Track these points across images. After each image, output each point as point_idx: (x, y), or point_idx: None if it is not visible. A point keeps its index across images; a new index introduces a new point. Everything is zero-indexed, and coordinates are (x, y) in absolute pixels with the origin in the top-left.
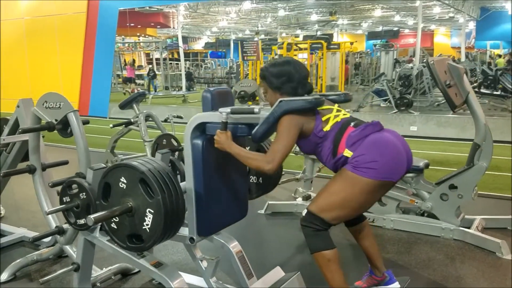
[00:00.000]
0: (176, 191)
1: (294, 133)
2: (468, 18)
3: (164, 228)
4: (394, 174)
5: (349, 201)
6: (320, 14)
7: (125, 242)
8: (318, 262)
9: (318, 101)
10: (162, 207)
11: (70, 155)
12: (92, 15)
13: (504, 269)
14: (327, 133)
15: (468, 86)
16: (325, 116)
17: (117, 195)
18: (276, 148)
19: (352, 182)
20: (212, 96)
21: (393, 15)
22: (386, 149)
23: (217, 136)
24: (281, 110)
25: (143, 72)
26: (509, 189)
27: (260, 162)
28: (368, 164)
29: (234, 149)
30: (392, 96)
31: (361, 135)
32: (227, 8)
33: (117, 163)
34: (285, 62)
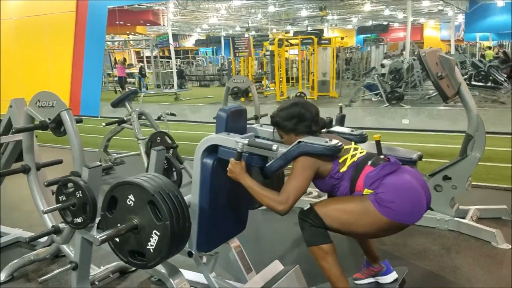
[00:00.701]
0: (184, 214)
1: (309, 175)
2: (457, 10)
3: (169, 250)
4: (412, 217)
5: (356, 227)
6: (310, 9)
7: (126, 257)
8: (314, 254)
9: (338, 149)
10: (170, 233)
11: (61, 155)
12: (82, 14)
13: (500, 258)
14: (344, 174)
15: (459, 77)
16: (342, 157)
17: (123, 211)
18: (290, 188)
19: (369, 214)
20: (227, 116)
21: (382, 9)
22: (406, 192)
23: (231, 166)
24: (299, 151)
25: (134, 70)
26: (502, 180)
27: (274, 202)
28: (389, 204)
29: (248, 182)
30: (383, 90)
31: (379, 175)
32: (217, 5)
33: (127, 180)
34: (293, 104)
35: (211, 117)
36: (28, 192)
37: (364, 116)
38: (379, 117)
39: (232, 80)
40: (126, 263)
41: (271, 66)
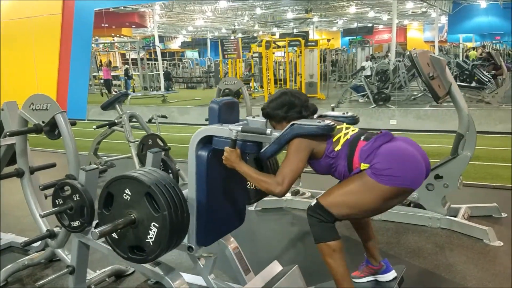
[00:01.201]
0: (182, 205)
1: (304, 156)
2: (441, 12)
3: (168, 242)
4: (414, 181)
5: (363, 205)
6: (296, 12)
7: (126, 253)
8: (322, 251)
9: (330, 128)
10: (168, 223)
11: (50, 158)
12: (68, 16)
13: (493, 255)
14: (339, 152)
15: (450, 77)
16: (336, 136)
17: (120, 206)
18: (285, 170)
19: (370, 188)
20: (219, 108)
21: (367, 11)
22: (404, 157)
23: (226, 153)
24: (293, 133)
25: (119, 73)
26: (491, 178)
27: (270, 185)
28: (387, 171)
29: (243, 168)
30: (370, 92)
31: (373, 147)
32: (203, 7)
33: (123, 175)
34: (282, 93)
35: (200, 119)
36: (18, 196)
37: None
38: (367, 117)
39: (223, 81)
40: (126, 260)
41: (258, 68)
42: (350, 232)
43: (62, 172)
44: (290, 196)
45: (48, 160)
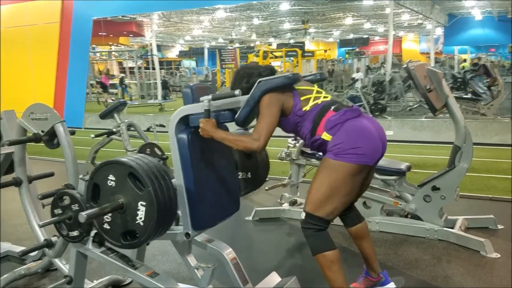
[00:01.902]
0: (166, 181)
1: (275, 110)
2: (436, 24)
3: (157, 219)
4: (371, 159)
5: (336, 189)
6: (292, 22)
7: (119, 241)
8: (320, 263)
9: (296, 77)
10: (154, 198)
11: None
12: (66, 25)
13: (490, 267)
14: (306, 113)
15: (447, 90)
16: (305, 96)
17: (107, 194)
18: (260, 126)
19: (335, 169)
20: (192, 91)
21: (363, 23)
22: (364, 136)
23: (201, 124)
24: (261, 90)
25: (116, 81)
26: (487, 189)
27: (248, 143)
28: (348, 150)
29: (220, 134)
30: (366, 102)
31: (340, 120)
32: (201, 17)
33: (104, 161)
34: (236, 72)
35: None
36: (15, 205)
37: None
38: None
39: (221, 91)
40: (121, 248)
41: None
42: (349, 243)
43: (60, 181)
44: (288, 206)
45: (46, 168)
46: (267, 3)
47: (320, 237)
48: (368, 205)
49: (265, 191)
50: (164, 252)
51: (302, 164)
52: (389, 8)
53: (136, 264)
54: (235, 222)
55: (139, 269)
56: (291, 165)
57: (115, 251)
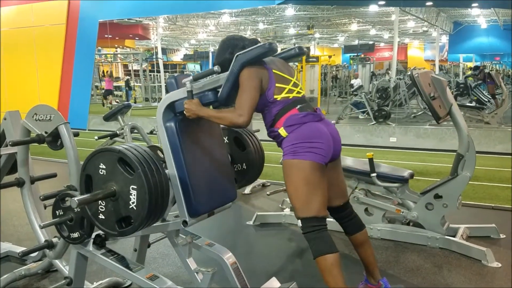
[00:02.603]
0: (155, 164)
1: (256, 84)
2: (442, 32)
3: (149, 202)
4: (324, 158)
5: (309, 184)
6: (297, 27)
7: (115, 229)
8: (321, 267)
9: (272, 47)
10: (144, 180)
11: (53, 168)
12: (72, 27)
13: (491, 276)
14: (275, 102)
15: (451, 98)
16: (280, 84)
17: (99, 183)
18: (241, 101)
19: (298, 167)
20: (176, 81)
21: (368, 29)
22: (316, 136)
23: (186, 105)
24: (239, 64)
25: (121, 83)
26: (489, 198)
27: (232, 118)
28: (304, 149)
29: (205, 112)
30: (370, 108)
31: (300, 121)
32: (206, 21)
33: (93, 151)
34: (222, 41)
35: None
36: (16, 205)
37: (353, 133)
38: (367, 134)
39: None
40: (117, 236)
41: None
42: (349, 250)
43: (62, 182)
44: (289, 211)
45: (48, 169)
46: (272, 8)
47: (321, 240)
48: (370, 212)
49: (266, 196)
50: (165, 255)
51: None
52: (394, 15)
53: (136, 266)
54: (235, 226)
55: (139, 271)
56: None
57: (115, 253)
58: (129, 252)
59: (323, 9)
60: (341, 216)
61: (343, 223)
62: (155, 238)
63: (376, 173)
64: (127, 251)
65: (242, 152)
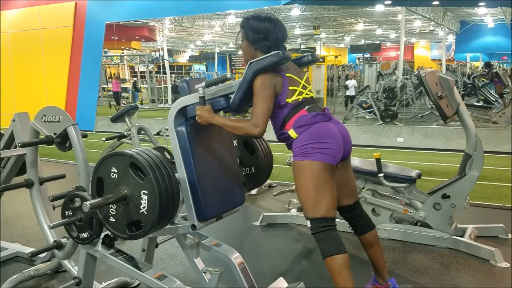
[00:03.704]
0: (167, 169)
1: (270, 93)
2: (448, 31)
3: (160, 207)
4: (334, 159)
5: (319, 185)
6: (303, 28)
7: (125, 233)
8: (330, 267)
9: (285, 55)
10: (155, 185)
11: (61, 169)
12: (79, 29)
13: (499, 276)
14: (286, 105)
15: (458, 97)
16: (292, 86)
17: (111, 187)
18: (257, 111)
19: (308, 168)
20: (188, 85)
21: (375, 29)
22: (327, 137)
23: (198, 111)
24: (252, 72)
25: (127, 85)
26: (497, 198)
27: (247, 129)
28: (315, 150)
29: (219, 120)
30: (377, 108)
31: (309, 122)
32: (212, 22)
33: (106, 154)
34: (267, 18)
35: None
36: (24, 206)
37: (359, 133)
38: (374, 135)
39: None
40: (127, 239)
41: None
42: (357, 250)
43: (71, 183)
44: (296, 212)
45: (57, 170)
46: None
47: (330, 240)
48: (377, 212)
49: (273, 197)
50: (172, 255)
51: None
52: (401, 14)
53: (145, 266)
54: (242, 227)
55: (147, 271)
56: None
57: (124, 253)
58: (137, 253)
59: (329, 9)
60: (351, 215)
61: (353, 222)
62: (162, 239)
63: (383, 173)
64: (135, 251)
65: (251, 156)
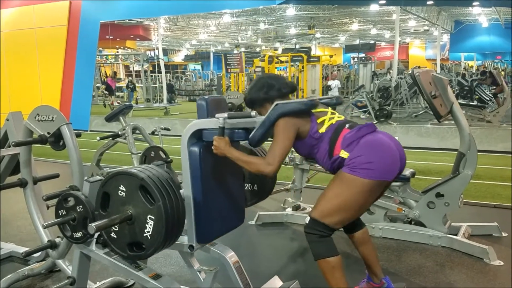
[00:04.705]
0: (177, 196)
1: (291, 135)
2: (443, 31)
3: (165, 234)
4: (389, 174)
5: (349, 203)
6: (298, 27)
7: (125, 251)
8: (322, 268)
9: (313, 104)
10: (163, 214)
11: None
12: (73, 28)
13: (493, 274)
14: (322, 135)
15: (452, 96)
16: (320, 118)
17: (117, 204)
18: (274, 150)
19: (350, 184)
20: (207, 104)
21: (369, 29)
22: (381, 150)
23: (215, 142)
24: (277, 113)
25: (122, 84)
26: (491, 197)
27: (261, 166)
28: (364, 165)
29: (234, 154)
30: (371, 108)
31: (356, 136)
32: (207, 21)
33: (116, 171)
34: (258, 79)
35: None
36: (18, 206)
37: None
38: None
39: (227, 95)
40: (126, 258)
41: None
42: (352, 248)
43: (65, 182)
44: (291, 211)
45: (51, 170)
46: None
47: (323, 243)
48: (371, 210)
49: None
50: (167, 254)
51: (306, 169)
52: (395, 14)
53: (139, 266)
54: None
55: (142, 271)
56: (295, 170)
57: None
58: None
59: (324, 8)
60: None
61: None
62: None
63: None
64: None
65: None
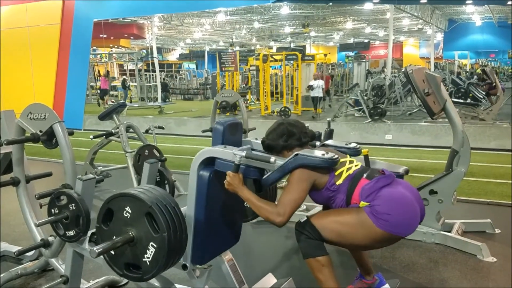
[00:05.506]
0: (181, 226)
1: (306, 187)
2: (436, 29)
3: (165, 263)
4: (407, 230)
5: (353, 239)
6: (293, 26)
7: (122, 270)
8: (311, 266)
9: (334, 162)
10: (167, 245)
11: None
12: (66, 26)
13: (486, 271)
14: (340, 186)
15: (445, 94)
16: (338, 170)
17: (119, 223)
18: (287, 200)
19: (365, 226)
20: (224, 129)
21: (364, 27)
22: (403, 204)
23: (229, 178)
24: (296, 164)
25: (117, 83)
26: (484, 194)
27: (271, 215)
28: (384, 216)
29: (246, 194)
30: (366, 106)
31: (374, 188)
32: (202, 20)
33: (124, 192)
34: (279, 124)
35: (196, 130)
36: (11, 205)
37: (348, 131)
38: (363, 132)
39: (221, 94)
40: (121, 276)
41: (255, 81)
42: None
43: (58, 181)
44: None
45: (44, 169)
46: (267, 7)
47: (313, 244)
48: None
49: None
50: None
51: None
52: (389, 12)
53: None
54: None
55: None
56: None
57: None
58: None
59: (318, 7)
60: None
61: None
62: None
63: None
64: None
65: (257, 192)
